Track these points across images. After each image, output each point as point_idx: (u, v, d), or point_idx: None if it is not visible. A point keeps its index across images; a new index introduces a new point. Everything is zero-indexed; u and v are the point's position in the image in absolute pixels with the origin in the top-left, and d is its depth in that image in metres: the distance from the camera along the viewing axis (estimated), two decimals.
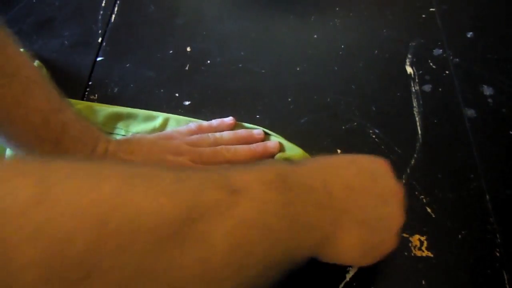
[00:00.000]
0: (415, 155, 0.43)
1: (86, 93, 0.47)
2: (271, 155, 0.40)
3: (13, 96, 0.28)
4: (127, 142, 0.38)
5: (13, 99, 0.28)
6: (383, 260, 0.37)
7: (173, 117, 0.44)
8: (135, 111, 0.45)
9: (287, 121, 0.45)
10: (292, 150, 0.41)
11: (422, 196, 0.40)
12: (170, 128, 0.44)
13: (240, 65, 0.50)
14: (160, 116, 0.44)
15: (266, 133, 0.43)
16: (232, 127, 0.43)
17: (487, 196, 0.40)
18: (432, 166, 0.42)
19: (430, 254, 0.37)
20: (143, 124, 0.44)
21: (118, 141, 0.38)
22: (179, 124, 0.44)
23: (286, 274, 0.37)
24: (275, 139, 0.42)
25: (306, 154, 0.41)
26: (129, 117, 0.44)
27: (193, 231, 0.19)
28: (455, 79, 0.48)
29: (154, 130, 0.43)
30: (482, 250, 0.38)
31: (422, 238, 0.38)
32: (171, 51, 0.51)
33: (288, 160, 0.37)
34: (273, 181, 0.23)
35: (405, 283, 0.36)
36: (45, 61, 0.47)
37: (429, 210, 0.40)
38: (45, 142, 0.30)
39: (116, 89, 0.48)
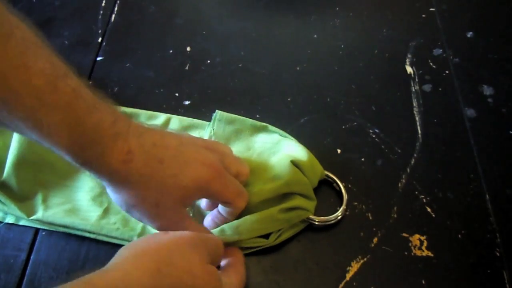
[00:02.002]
0: (415, 155, 0.43)
1: None
2: None
3: (10, 59, 0.25)
4: (156, 135, 0.32)
5: (11, 62, 0.25)
6: (384, 260, 0.37)
7: (175, 117, 0.44)
8: (138, 110, 0.45)
9: (287, 121, 0.45)
10: (301, 153, 0.40)
11: (422, 196, 0.40)
12: (172, 128, 0.44)
13: (240, 65, 0.50)
14: (162, 116, 0.44)
15: (280, 135, 0.42)
16: None
17: (487, 196, 0.40)
18: (432, 166, 0.42)
19: (430, 254, 0.37)
20: (146, 122, 0.44)
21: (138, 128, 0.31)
22: (181, 124, 0.44)
23: (286, 273, 0.37)
24: (288, 141, 0.42)
25: (313, 158, 0.40)
26: (131, 116, 0.44)
27: None
28: (455, 79, 0.48)
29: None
30: (482, 250, 0.38)
31: (422, 238, 0.38)
32: (171, 51, 0.51)
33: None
34: None
35: (405, 283, 0.36)
36: None
37: (429, 210, 0.40)
38: (55, 110, 0.26)
39: (116, 89, 0.48)
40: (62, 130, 0.27)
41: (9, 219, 0.39)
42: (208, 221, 0.37)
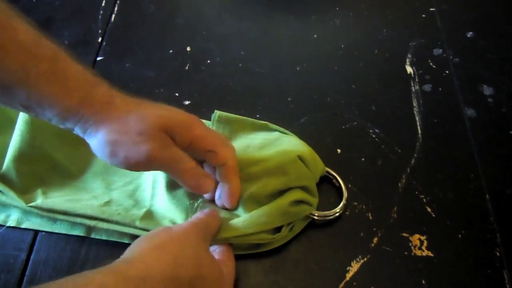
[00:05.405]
0: (415, 155, 0.43)
1: None
2: None
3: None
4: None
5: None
6: (384, 260, 0.37)
7: None
8: None
9: (287, 121, 0.45)
10: (303, 148, 0.40)
11: (422, 196, 0.40)
12: None
13: (240, 65, 0.50)
14: None
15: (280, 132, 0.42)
16: None
17: (487, 196, 0.40)
18: (432, 166, 0.42)
19: (430, 254, 0.37)
20: None
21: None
22: None
23: (286, 273, 0.37)
24: (288, 137, 0.42)
25: (315, 153, 0.40)
26: None
27: None
28: (455, 79, 0.48)
29: None
30: (482, 250, 0.38)
31: (422, 238, 0.38)
32: (171, 51, 0.51)
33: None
34: None
35: (405, 283, 0.36)
36: None
37: (429, 210, 0.40)
38: (42, 61, 0.29)
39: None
40: (49, 78, 0.29)
41: (11, 223, 0.39)
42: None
